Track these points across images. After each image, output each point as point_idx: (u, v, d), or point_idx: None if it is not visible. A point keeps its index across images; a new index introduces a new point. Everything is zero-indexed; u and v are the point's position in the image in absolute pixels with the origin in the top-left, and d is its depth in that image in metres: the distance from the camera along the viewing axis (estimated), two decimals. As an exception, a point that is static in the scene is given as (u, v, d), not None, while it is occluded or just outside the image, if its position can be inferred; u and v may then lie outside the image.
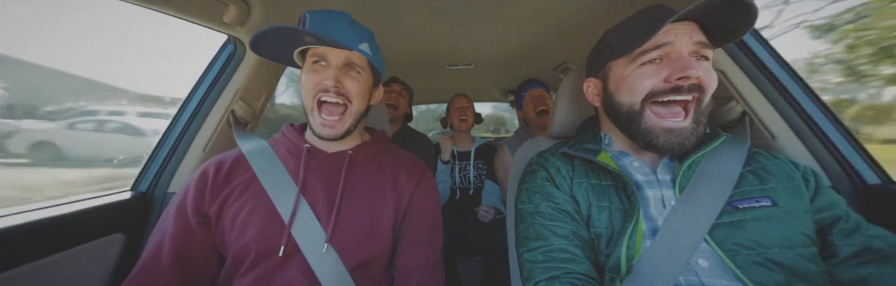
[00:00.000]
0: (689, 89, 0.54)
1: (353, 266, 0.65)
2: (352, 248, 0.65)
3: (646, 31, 0.54)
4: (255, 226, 0.63)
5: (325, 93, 0.66)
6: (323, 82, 0.65)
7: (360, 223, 0.67)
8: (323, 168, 0.71)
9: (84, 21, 3.12)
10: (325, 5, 0.92)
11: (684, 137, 0.56)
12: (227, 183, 0.67)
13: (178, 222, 0.65)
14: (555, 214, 0.62)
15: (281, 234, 0.63)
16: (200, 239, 0.65)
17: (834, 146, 0.76)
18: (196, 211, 0.65)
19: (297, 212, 0.65)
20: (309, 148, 0.72)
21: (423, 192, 0.76)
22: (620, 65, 0.61)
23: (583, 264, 0.57)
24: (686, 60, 0.54)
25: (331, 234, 0.64)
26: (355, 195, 0.70)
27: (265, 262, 0.63)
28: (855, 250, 0.52)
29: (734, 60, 0.84)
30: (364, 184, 0.72)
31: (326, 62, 0.67)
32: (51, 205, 0.77)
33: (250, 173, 0.69)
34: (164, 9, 0.78)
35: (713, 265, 0.54)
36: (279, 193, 0.66)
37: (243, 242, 0.63)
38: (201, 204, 0.65)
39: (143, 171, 0.98)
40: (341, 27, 0.66)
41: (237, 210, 0.65)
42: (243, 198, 0.66)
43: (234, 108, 1.04)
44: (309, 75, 0.67)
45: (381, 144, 0.81)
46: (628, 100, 0.59)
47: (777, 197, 0.56)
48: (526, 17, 1.05)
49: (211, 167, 0.69)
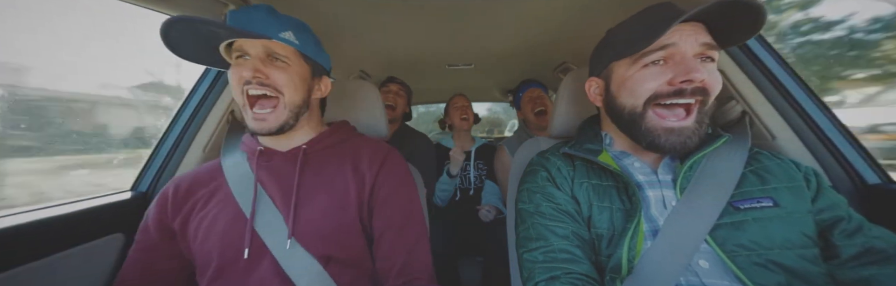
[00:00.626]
0: (693, 92, 0.54)
1: (324, 260, 0.64)
2: (317, 242, 0.64)
3: (651, 32, 0.53)
4: (218, 230, 0.64)
5: (248, 85, 0.63)
6: (243, 74, 0.63)
7: (321, 215, 0.66)
8: (280, 165, 0.71)
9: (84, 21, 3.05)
10: (324, 5, 0.93)
11: (686, 137, 0.56)
12: (189, 197, 0.69)
13: (141, 241, 0.68)
14: (555, 215, 0.62)
15: (243, 234, 0.63)
16: (164, 252, 0.68)
17: (834, 146, 0.76)
18: (158, 226, 0.68)
19: (258, 212, 0.65)
20: (262, 150, 0.72)
21: (388, 176, 0.72)
22: (623, 65, 0.60)
23: (583, 264, 0.57)
24: (690, 63, 0.53)
25: (292, 229, 0.64)
26: (314, 188, 0.69)
27: (233, 266, 0.63)
28: (857, 251, 0.52)
29: (734, 60, 0.84)
30: (324, 176, 0.71)
31: (248, 55, 0.65)
32: (51, 205, 0.77)
33: (216, 183, 0.71)
34: (164, 8, 0.78)
35: (714, 266, 0.53)
36: (243, 194, 0.68)
37: (206, 247, 0.63)
38: (164, 220, 0.68)
39: (143, 171, 0.98)
40: (259, 18, 0.64)
41: (201, 219, 0.66)
42: (208, 208, 0.68)
43: (234, 108, 1.04)
44: (233, 70, 0.65)
45: (339, 135, 0.78)
46: (630, 102, 0.59)
47: (778, 197, 0.56)
48: (526, 17, 1.05)
49: (169, 187, 0.71)
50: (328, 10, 0.95)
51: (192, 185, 0.71)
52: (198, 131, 1.00)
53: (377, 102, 0.97)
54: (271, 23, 0.64)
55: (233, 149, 0.79)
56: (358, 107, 0.94)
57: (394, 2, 0.92)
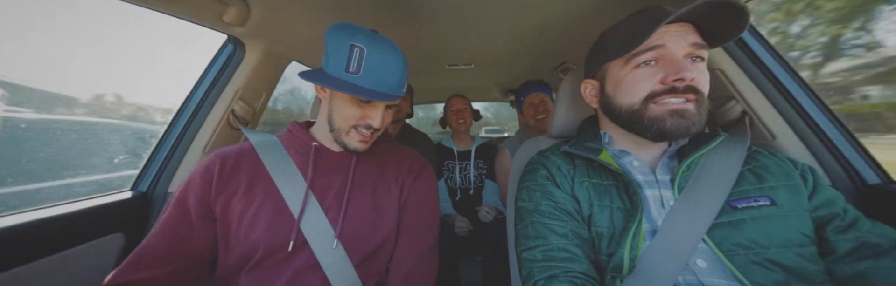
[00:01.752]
0: (685, 90, 0.55)
1: (358, 261, 0.66)
2: (358, 244, 0.67)
3: (640, 33, 0.54)
4: (264, 222, 0.64)
5: (366, 128, 0.67)
6: (368, 121, 0.66)
7: (366, 219, 0.69)
8: (330, 166, 0.72)
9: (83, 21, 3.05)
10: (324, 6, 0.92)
11: (691, 122, 0.55)
12: (234, 177, 0.67)
13: (177, 214, 0.64)
14: (554, 213, 0.62)
15: (290, 230, 0.64)
16: (199, 232, 0.65)
17: (834, 146, 0.76)
18: (200, 203, 0.64)
19: (307, 209, 0.66)
20: (317, 146, 0.72)
21: (420, 185, 0.78)
22: (616, 66, 0.61)
23: (582, 263, 0.57)
24: (679, 63, 0.54)
25: (340, 231, 0.66)
26: (361, 192, 0.71)
27: (273, 258, 0.64)
28: (852, 246, 0.52)
29: (734, 60, 0.84)
30: (369, 181, 0.73)
31: (372, 101, 0.66)
32: (51, 205, 0.77)
33: (258, 168, 0.69)
34: (164, 8, 0.79)
35: (711, 265, 0.54)
36: (289, 189, 0.67)
37: (253, 238, 0.63)
38: (206, 197, 0.65)
39: (143, 171, 0.98)
40: (397, 75, 0.65)
41: (245, 205, 0.65)
42: (251, 194, 0.66)
43: (234, 108, 1.04)
44: (351, 107, 0.66)
45: (385, 142, 0.81)
46: (627, 101, 0.60)
47: (776, 196, 0.56)
48: (526, 17, 1.05)
49: (216, 160, 0.68)
50: (328, 10, 0.95)
51: (237, 165, 0.68)
52: (198, 131, 1.01)
53: None
54: (404, 78, 0.67)
55: (260, 137, 0.77)
56: None
57: (394, 2, 0.92)
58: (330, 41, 0.64)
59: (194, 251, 0.65)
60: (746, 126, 0.73)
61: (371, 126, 0.67)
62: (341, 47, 0.62)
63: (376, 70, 0.62)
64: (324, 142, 0.74)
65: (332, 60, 0.63)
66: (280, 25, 0.98)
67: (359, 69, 0.62)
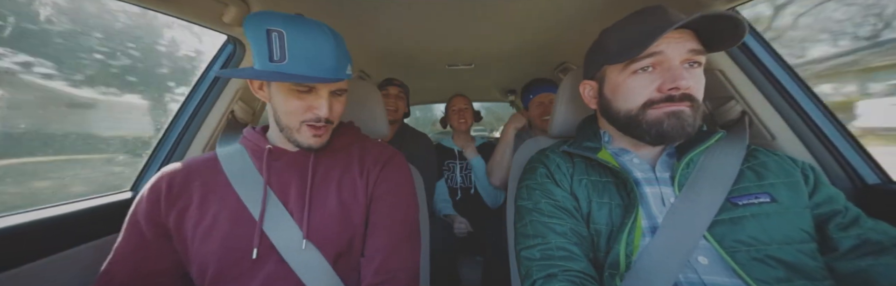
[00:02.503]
0: (681, 98, 0.56)
1: (333, 258, 0.64)
2: (329, 241, 0.64)
3: (640, 41, 0.55)
4: (221, 231, 0.61)
5: (315, 121, 0.63)
6: (314, 112, 0.62)
7: (333, 215, 0.66)
8: (289, 166, 0.70)
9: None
10: (324, 6, 0.93)
11: (686, 123, 0.56)
12: (184, 191, 0.65)
13: (131, 236, 0.62)
14: (554, 211, 0.63)
15: (251, 236, 0.61)
16: (158, 251, 0.63)
17: (833, 146, 0.76)
18: (151, 223, 0.63)
19: (267, 211, 0.63)
20: (270, 148, 0.70)
21: (389, 175, 0.73)
22: (615, 70, 0.62)
23: (581, 262, 0.57)
24: (676, 71, 0.56)
25: (307, 231, 0.63)
26: (325, 188, 0.69)
27: (236, 268, 0.61)
28: (853, 243, 0.52)
29: (734, 60, 0.84)
30: (333, 177, 0.70)
31: (312, 88, 0.62)
32: (51, 206, 0.77)
33: (215, 179, 0.67)
34: (164, 9, 0.78)
35: (713, 262, 0.54)
36: (249, 194, 0.65)
37: (207, 248, 0.60)
38: (156, 215, 0.63)
39: (143, 171, 0.98)
40: (331, 55, 0.59)
41: (198, 217, 0.63)
42: (205, 205, 0.64)
43: (234, 108, 1.04)
44: (291, 100, 0.61)
45: (348, 138, 0.78)
46: (625, 107, 0.61)
47: (776, 193, 0.56)
48: (526, 17, 1.05)
49: (162, 178, 0.66)
50: (328, 10, 0.95)
51: (187, 178, 0.66)
52: (198, 131, 1.00)
53: (378, 103, 0.98)
54: (341, 58, 0.62)
55: (229, 143, 0.76)
56: (359, 108, 0.94)
57: (394, 2, 0.93)
58: (248, 32, 0.58)
59: (158, 269, 0.63)
60: (746, 126, 0.73)
61: (319, 117, 0.62)
62: (259, 35, 0.56)
63: (304, 53, 0.57)
64: (278, 143, 0.72)
65: (255, 52, 0.58)
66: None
67: (284, 55, 0.57)
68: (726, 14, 0.52)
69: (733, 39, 0.55)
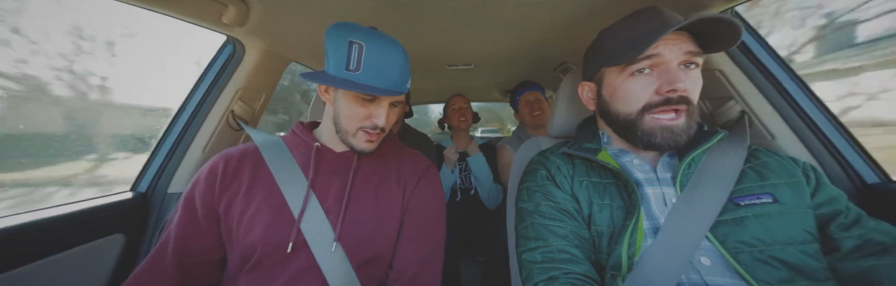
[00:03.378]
0: (678, 101, 0.57)
1: (358, 264, 0.66)
2: (359, 247, 0.66)
3: (637, 44, 0.56)
4: (262, 222, 0.64)
5: (372, 128, 0.67)
6: (374, 120, 0.66)
7: (367, 222, 0.68)
8: (332, 166, 0.72)
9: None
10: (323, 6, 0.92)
11: (678, 135, 0.58)
12: (236, 177, 0.68)
13: (185, 214, 0.66)
14: (555, 214, 0.63)
15: (289, 230, 0.64)
16: (206, 232, 0.66)
17: (833, 145, 0.76)
18: (204, 204, 0.66)
19: (307, 209, 0.65)
20: (319, 146, 0.72)
21: (423, 188, 0.76)
22: (613, 72, 0.63)
23: (582, 265, 0.57)
24: (673, 73, 0.56)
25: (339, 233, 0.65)
26: (363, 194, 0.70)
27: (271, 258, 0.63)
28: (855, 243, 0.52)
29: (733, 60, 0.84)
30: (372, 183, 0.72)
31: (376, 98, 0.66)
32: (51, 206, 0.77)
33: (260, 168, 0.69)
34: (163, 9, 0.78)
35: (715, 263, 0.54)
36: (290, 189, 0.67)
37: (251, 238, 0.63)
38: (210, 198, 0.66)
39: (143, 172, 0.98)
40: (398, 70, 0.64)
41: (245, 205, 0.65)
42: (251, 194, 0.66)
43: (234, 108, 1.04)
44: (354, 107, 0.66)
45: (389, 144, 0.81)
46: (624, 109, 0.62)
47: (778, 193, 0.56)
48: (526, 17, 1.05)
49: (220, 161, 0.69)
50: (329, 10, 0.95)
51: (239, 165, 0.69)
52: (198, 131, 1.00)
53: None
54: (406, 74, 0.66)
55: (265, 137, 0.77)
56: None
57: (394, 2, 0.92)
58: (329, 41, 0.64)
59: (202, 248, 0.66)
60: (746, 126, 0.73)
61: (377, 125, 0.66)
62: (340, 45, 0.62)
63: (377, 66, 0.62)
64: (327, 142, 0.74)
65: (332, 60, 0.63)
66: (280, 26, 0.98)
67: (359, 66, 0.61)
68: (722, 17, 0.52)
69: (730, 41, 0.56)
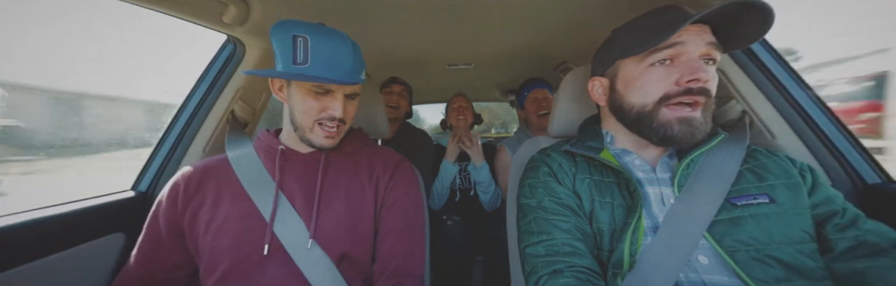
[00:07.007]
0: (699, 92, 0.55)
1: (338, 259, 0.66)
2: (335, 242, 0.66)
3: (663, 30, 0.54)
4: (231, 230, 0.64)
5: (329, 120, 0.67)
6: (329, 112, 0.67)
7: (341, 217, 0.68)
8: (300, 168, 0.72)
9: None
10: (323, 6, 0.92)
11: (696, 128, 0.57)
12: (200, 190, 0.69)
13: (149, 233, 0.69)
14: (557, 209, 0.63)
15: (262, 234, 0.64)
16: (169, 248, 0.68)
17: (834, 145, 0.76)
18: (167, 221, 0.68)
19: (278, 211, 0.66)
20: (283, 149, 0.73)
21: (398, 182, 0.76)
22: (630, 63, 0.61)
23: (586, 258, 0.57)
24: (696, 63, 0.55)
25: (314, 230, 0.65)
26: (334, 191, 0.71)
27: (246, 264, 0.64)
28: (850, 244, 0.52)
29: (734, 60, 0.84)
30: (342, 180, 0.73)
31: (329, 91, 0.66)
32: (51, 205, 0.77)
33: (227, 178, 0.70)
34: (164, 8, 0.78)
35: (712, 262, 0.54)
36: (259, 194, 0.68)
37: (220, 247, 0.63)
38: (173, 214, 0.68)
39: (143, 171, 0.98)
40: (349, 61, 0.64)
41: (211, 215, 0.66)
42: (218, 203, 0.68)
43: (234, 108, 1.04)
44: (308, 100, 0.66)
45: (356, 141, 0.81)
46: (640, 101, 0.60)
47: (775, 194, 0.56)
48: (526, 16, 1.05)
49: (180, 178, 0.70)
50: (329, 10, 0.95)
51: (202, 178, 0.70)
52: (198, 131, 1.00)
53: (377, 103, 0.98)
54: (358, 64, 0.67)
55: (239, 145, 0.79)
56: (359, 108, 0.94)
57: (394, 2, 0.92)
58: (274, 38, 0.63)
59: (169, 263, 0.69)
60: (746, 126, 0.73)
61: (333, 117, 0.66)
62: (285, 40, 0.62)
63: (325, 58, 0.62)
64: (290, 144, 0.75)
65: (279, 56, 0.64)
66: (280, 25, 0.98)
67: (306, 59, 0.62)
68: (758, 2, 0.50)
69: (757, 33, 0.54)
